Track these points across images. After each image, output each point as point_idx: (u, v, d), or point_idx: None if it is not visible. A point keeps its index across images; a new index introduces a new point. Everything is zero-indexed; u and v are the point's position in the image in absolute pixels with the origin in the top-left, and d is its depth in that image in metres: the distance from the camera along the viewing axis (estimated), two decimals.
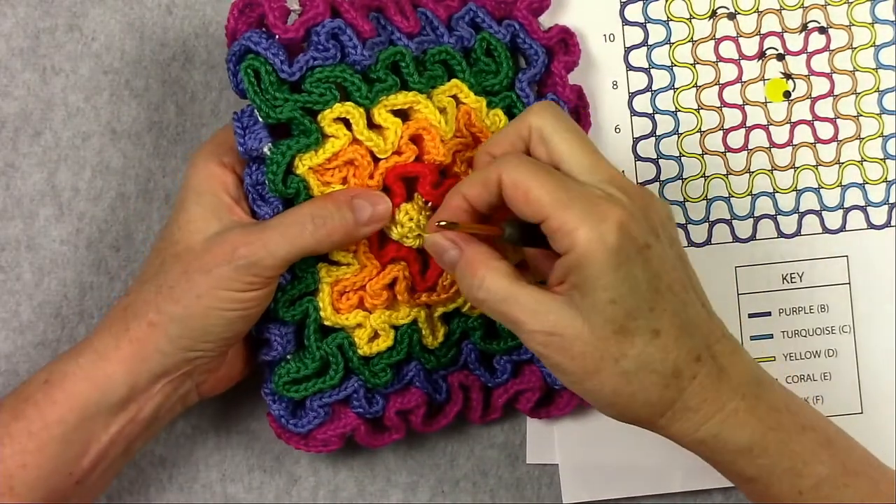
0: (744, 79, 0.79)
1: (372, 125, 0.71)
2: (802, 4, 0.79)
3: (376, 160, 0.71)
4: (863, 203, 0.79)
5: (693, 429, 0.65)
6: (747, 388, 0.65)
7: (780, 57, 0.79)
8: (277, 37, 0.69)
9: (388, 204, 0.70)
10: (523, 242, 0.67)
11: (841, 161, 0.79)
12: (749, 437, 0.65)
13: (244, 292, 0.67)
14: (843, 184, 0.79)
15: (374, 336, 0.73)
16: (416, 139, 0.71)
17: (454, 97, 0.73)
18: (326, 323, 0.72)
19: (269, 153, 0.69)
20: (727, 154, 0.79)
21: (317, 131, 0.70)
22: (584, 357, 0.63)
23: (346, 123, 0.70)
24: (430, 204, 0.71)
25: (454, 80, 0.73)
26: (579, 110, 0.76)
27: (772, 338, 0.79)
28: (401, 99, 0.71)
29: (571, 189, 0.63)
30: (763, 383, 0.66)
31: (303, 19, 0.69)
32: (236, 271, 0.67)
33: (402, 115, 0.71)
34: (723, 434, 0.65)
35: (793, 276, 0.79)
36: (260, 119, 0.70)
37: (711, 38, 0.79)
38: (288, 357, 0.73)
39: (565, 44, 0.76)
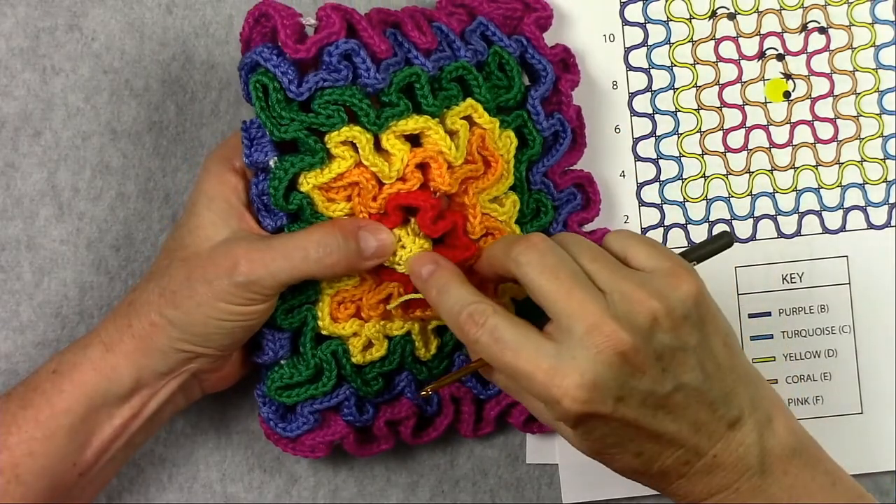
0: (744, 79, 0.79)
1: (380, 148, 0.70)
2: (802, 4, 0.79)
3: (381, 183, 0.70)
4: (863, 203, 0.79)
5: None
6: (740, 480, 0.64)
7: (780, 57, 0.79)
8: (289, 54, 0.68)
9: (392, 239, 0.70)
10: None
11: (841, 161, 0.79)
12: None
13: (244, 306, 0.67)
14: (843, 184, 0.79)
15: (369, 345, 0.73)
16: (423, 165, 0.70)
17: (468, 118, 0.71)
18: (323, 332, 0.72)
19: (273, 167, 0.69)
20: (727, 154, 0.79)
21: (322, 151, 0.69)
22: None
23: (354, 146, 0.69)
24: (423, 233, 0.71)
25: (469, 101, 0.71)
26: (576, 130, 0.76)
27: (772, 338, 0.79)
28: (410, 125, 0.69)
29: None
30: (766, 472, 0.64)
31: (316, 38, 0.68)
32: (236, 287, 0.67)
33: (414, 137, 0.70)
34: None
35: (793, 276, 0.79)
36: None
37: (711, 39, 0.79)
38: (282, 362, 0.73)
39: (565, 63, 0.75)
